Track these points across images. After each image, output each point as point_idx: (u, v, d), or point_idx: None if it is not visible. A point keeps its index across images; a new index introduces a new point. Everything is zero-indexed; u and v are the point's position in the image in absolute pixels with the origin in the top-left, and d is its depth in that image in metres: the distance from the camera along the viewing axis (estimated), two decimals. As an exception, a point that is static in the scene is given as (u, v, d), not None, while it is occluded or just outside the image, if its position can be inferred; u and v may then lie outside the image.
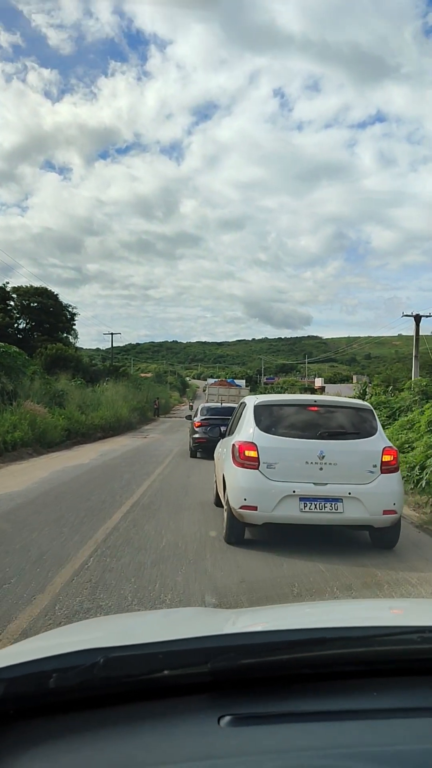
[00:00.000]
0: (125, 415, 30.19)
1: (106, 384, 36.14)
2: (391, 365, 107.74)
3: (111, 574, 5.03)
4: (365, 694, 1.09)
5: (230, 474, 6.06)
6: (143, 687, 1.05)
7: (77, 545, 6.03)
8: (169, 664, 1.05)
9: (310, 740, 0.95)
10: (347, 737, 0.96)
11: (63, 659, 1.06)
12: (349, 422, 6.11)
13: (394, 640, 1.18)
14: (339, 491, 5.61)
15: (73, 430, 22.17)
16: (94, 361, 58.77)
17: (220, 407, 17.86)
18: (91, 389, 32.91)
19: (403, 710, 1.05)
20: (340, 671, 1.13)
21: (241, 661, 1.07)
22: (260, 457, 5.71)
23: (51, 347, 42.24)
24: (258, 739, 0.95)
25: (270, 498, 5.58)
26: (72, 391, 28.31)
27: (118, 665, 1.04)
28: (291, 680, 1.11)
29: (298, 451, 5.73)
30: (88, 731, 0.98)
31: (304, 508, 5.57)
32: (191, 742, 0.95)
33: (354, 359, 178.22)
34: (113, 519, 7.55)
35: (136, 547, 6.02)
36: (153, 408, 41.84)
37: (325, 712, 1.04)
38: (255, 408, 6.15)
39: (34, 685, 1.01)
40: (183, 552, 5.83)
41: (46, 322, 50.26)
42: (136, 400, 36.30)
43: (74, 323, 53.16)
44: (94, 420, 25.45)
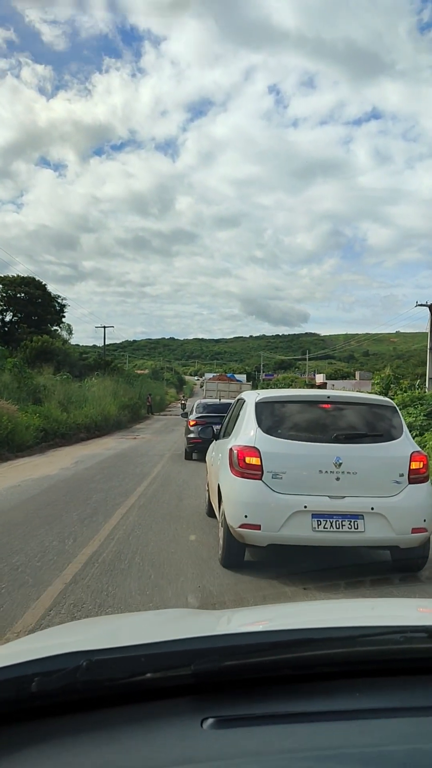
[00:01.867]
0: (114, 413, 27.51)
1: (94, 379, 33.21)
2: (390, 362, 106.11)
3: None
4: (348, 694, 1.09)
5: (227, 485, 5.16)
6: (127, 690, 1.05)
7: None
8: (152, 666, 1.04)
9: (294, 742, 0.95)
10: (331, 738, 0.96)
11: (45, 663, 1.04)
12: (369, 422, 5.24)
13: (377, 641, 1.17)
14: (359, 506, 4.81)
15: (51, 431, 19.40)
16: (85, 355, 55.83)
17: (218, 404, 16.41)
18: (79, 385, 30.22)
19: (386, 710, 1.04)
20: (323, 672, 1.13)
21: (224, 663, 1.06)
22: (264, 465, 4.86)
23: (36, 339, 39.50)
24: (241, 742, 0.95)
25: (276, 515, 4.75)
26: (55, 387, 25.64)
27: (102, 668, 1.03)
28: (274, 681, 1.10)
29: (310, 457, 4.91)
30: (71, 735, 0.96)
31: (317, 526, 4.73)
32: (174, 745, 0.94)
33: (352, 356, 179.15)
34: (28, 617, 3.96)
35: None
36: (146, 405, 39.08)
37: (309, 713, 1.03)
38: (256, 405, 5.22)
39: (16, 689, 0.99)
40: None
41: (33, 314, 47.49)
42: (127, 397, 33.58)
43: (63, 315, 50.41)
44: (77, 419, 22.79)
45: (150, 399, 41.15)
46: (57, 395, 24.16)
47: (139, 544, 5.94)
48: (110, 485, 10.13)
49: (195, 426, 14.39)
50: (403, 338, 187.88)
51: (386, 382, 18.61)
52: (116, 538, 6.21)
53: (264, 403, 5.25)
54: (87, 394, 27.75)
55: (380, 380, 19.54)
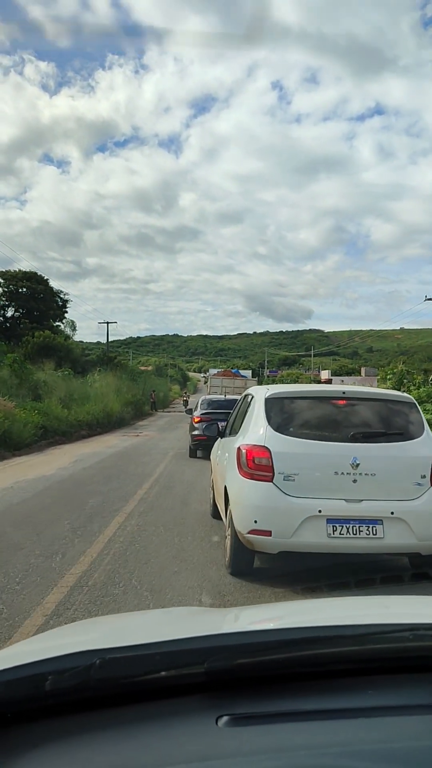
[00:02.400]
0: (117, 410, 26.83)
1: (97, 375, 32.51)
2: (395, 358, 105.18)
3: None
4: (360, 692, 1.09)
5: (235, 487, 4.87)
6: (140, 688, 1.04)
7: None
8: (166, 664, 1.05)
9: (307, 739, 0.95)
10: (344, 735, 0.97)
11: (59, 661, 1.04)
12: (388, 420, 4.92)
13: (387, 638, 1.17)
14: (378, 510, 4.50)
15: (51, 428, 18.70)
16: (88, 351, 55.15)
17: (223, 400, 15.83)
18: (81, 381, 29.55)
19: (398, 708, 1.05)
20: (335, 669, 1.13)
21: (237, 661, 1.06)
22: (275, 466, 4.55)
23: (38, 335, 38.78)
24: (257, 739, 0.95)
25: (288, 520, 4.45)
26: (57, 383, 24.98)
27: (115, 667, 1.03)
28: (287, 679, 1.11)
29: (325, 457, 4.61)
30: (86, 733, 0.97)
31: (332, 532, 4.44)
32: (189, 742, 0.94)
33: (356, 352, 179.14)
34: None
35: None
36: (149, 402, 38.38)
37: (322, 710, 1.03)
38: (266, 401, 4.91)
39: (31, 688, 0.99)
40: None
41: (35, 309, 46.77)
42: (130, 394, 32.91)
43: (66, 311, 49.67)
44: (78, 415, 22.12)
45: (153, 395, 40.46)
46: (58, 391, 23.52)
47: (138, 562, 5.18)
48: (109, 487, 9.39)
49: (200, 423, 14.17)
50: (408, 334, 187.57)
51: (399, 377, 17.77)
52: (111, 553, 5.44)
53: (274, 398, 4.90)
54: (89, 391, 27.06)
55: (393, 375, 18.70)
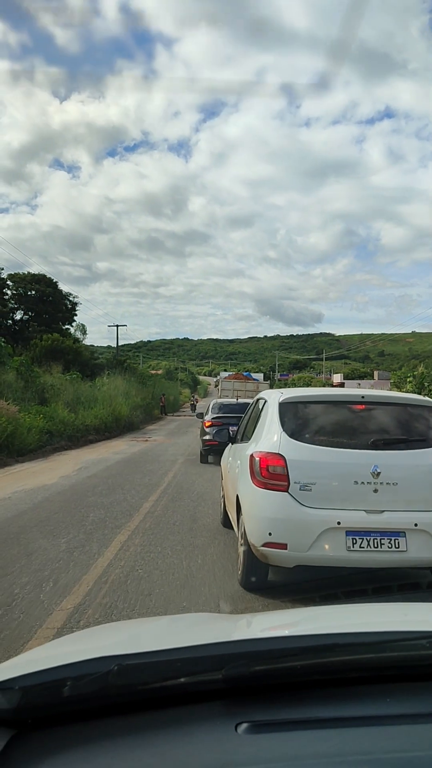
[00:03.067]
0: (125, 414, 26.22)
1: (106, 378, 31.90)
2: (406, 362, 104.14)
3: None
4: (378, 700, 1.07)
5: (248, 497, 4.57)
6: (158, 694, 1.04)
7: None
8: (184, 671, 1.04)
9: (326, 747, 0.95)
10: (363, 744, 0.96)
11: (77, 667, 1.03)
12: (409, 425, 4.61)
13: (404, 646, 1.16)
14: (401, 522, 4.21)
15: (56, 433, 18.10)
16: (98, 355, 54.64)
17: (235, 404, 15.38)
18: (90, 384, 28.99)
19: (416, 716, 1.04)
20: (353, 677, 1.12)
21: (255, 668, 1.05)
22: (290, 475, 4.25)
23: (46, 338, 38.32)
24: (277, 746, 0.95)
25: (305, 532, 4.16)
26: (64, 387, 24.43)
27: (132, 673, 1.03)
28: (305, 686, 1.10)
29: (343, 465, 4.31)
30: (105, 740, 0.97)
31: (352, 545, 4.15)
32: (211, 749, 0.94)
33: (367, 356, 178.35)
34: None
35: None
36: (159, 405, 37.74)
37: (340, 718, 1.03)
38: (280, 406, 4.63)
39: (49, 694, 0.99)
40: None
41: (44, 312, 46.40)
42: (139, 397, 32.31)
43: (75, 314, 49.22)
44: (86, 419, 21.55)
45: (163, 399, 39.84)
46: (65, 395, 22.95)
47: (140, 594, 4.45)
48: (113, 499, 8.68)
49: (211, 427, 13.56)
50: (419, 338, 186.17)
51: (420, 381, 16.96)
52: (110, 581, 4.71)
53: (289, 403, 4.65)
54: (97, 394, 26.45)
55: (413, 378, 17.92)
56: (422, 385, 16.66)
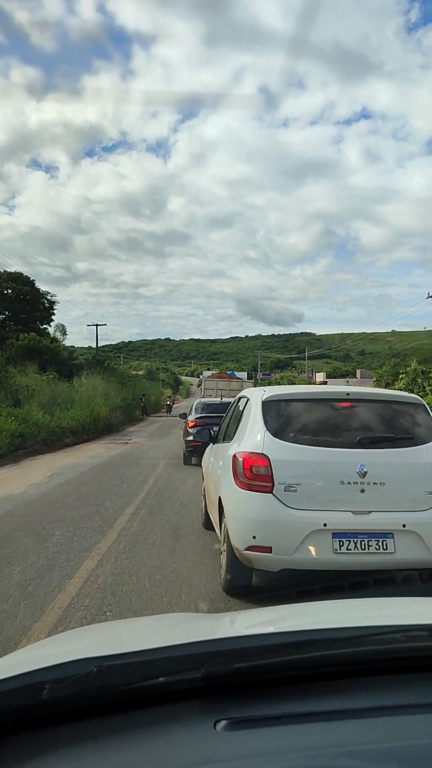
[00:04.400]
0: (104, 415, 25.16)
1: (84, 378, 30.77)
2: (387, 360, 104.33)
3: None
4: (356, 693, 1.10)
5: (231, 499, 4.43)
6: (138, 695, 1.04)
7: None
8: (163, 670, 1.05)
9: (305, 741, 0.96)
10: (341, 736, 0.98)
11: (56, 670, 1.04)
12: (396, 423, 4.50)
13: (380, 640, 1.18)
14: (389, 522, 4.11)
15: (30, 436, 16.99)
16: (78, 356, 53.34)
17: (218, 403, 14.84)
18: (67, 385, 27.87)
19: (393, 708, 1.06)
20: (330, 672, 1.14)
21: (234, 666, 1.07)
22: (274, 476, 4.12)
23: (23, 337, 37.08)
24: (254, 742, 0.96)
25: (290, 535, 4.03)
26: (40, 387, 23.32)
27: (112, 674, 1.03)
28: (283, 682, 1.11)
29: (329, 465, 4.18)
30: (85, 741, 0.97)
31: (339, 548, 4.03)
32: (189, 747, 0.95)
33: (348, 355, 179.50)
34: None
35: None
36: (140, 406, 36.67)
37: (318, 712, 1.04)
38: (263, 404, 4.50)
39: (29, 697, 0.99)
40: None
41: (21, 311, 45.05)
42: (120, 398, 31.24)
43: (53, 313, 47.91)
44: (62, 421, 20.46)
45: (144, 400, 38.77)
46: (41, 396, 21.83)
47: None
48: (84, 512, 7.68)
49: (194, 428, 12.89)
50: (399, 337, 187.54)
51: (413, 377, 16.14)
52: (70, 629, 3.70)
53: (272, 401, 4.53)
54: (74, 395, 25.32)
55: (405, 374, 17.09)
56: (415, 381, 15.87)
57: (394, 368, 61.98)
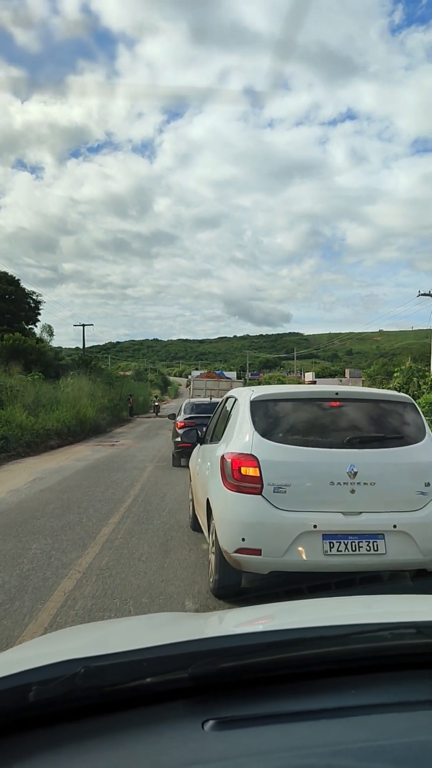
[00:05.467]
0: (91, 416, 24.52)
1: (70, 379, 30.10)
2: (375, 360, 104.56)
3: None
4: (344, 692, 1.09)
5: (219, 501, 4.36)
6: (125, 695, 1.03)
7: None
8: (150, 671, 1.04)
9: (294, 740, 0.96)
10: (330, 735, 0.97)
11: (42, 671, 1.02)
12: (386, 422, 4.48)
13: (367, 638, 1.17)
14: (379, 523, 4.07)
15: (13, 439, 16.35)
16: (66, 356, 52.58)
17: (207, 404, 14.49)
18: (53, 386, 27.21)
19: (381, 706, 1.06)
20: (318, 670, 1.13)
21: (221, 665, 1.06)
22: (263, 477, 4.08)
23: (7, 337, 36.31)
24: (243, 742, 0.95)
25: (280, 537, 3.99)
26: (25, 388, 22.65)
27: (99, 675, 1.02)
28: (271, 681, 1.10)
29: (319, 465, 4.13)
30: (72, 743, 0.95)
31: (329, 549, 3.98)
32: (177, 748, 0.94)
33: (336, 355, 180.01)
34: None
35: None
36: (127, 407, 36.03)
37: (307, 711, 1.04)
38: (252, 404, 4.45)
39: (14, 699, 0.97)
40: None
41: (6, 311, 44.25)
42: (107, 398, 30.59)
43: (39, 313, 47.12)
44: (47, 423, 19.82)
45: (132, 400, 38.13)
46: (25, 397, 21.17)
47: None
48: (65, 522, 7.10)
49: (183, 428, 12.50)
50: (387, 337, 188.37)
51: (408, 376, 15.69)
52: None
53: (260, 401, 4.48)
54: (60, 396, 24.66)
55: (400, 373, 16.63)
56: (410, 380, 15.43)
57: (384, 367, 61.81)
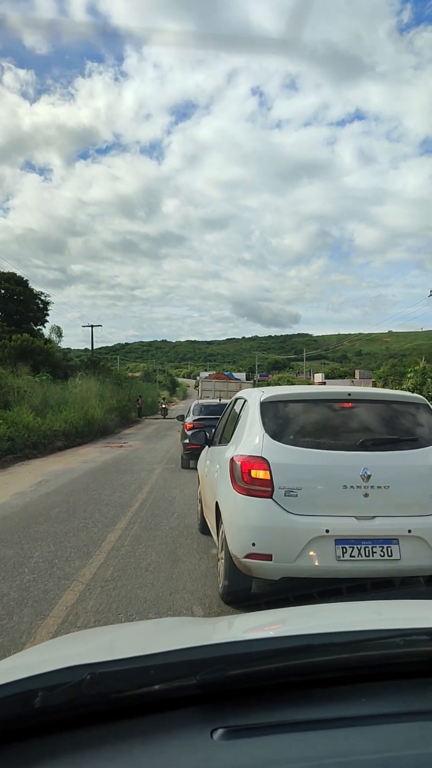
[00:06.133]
0: (99, 417, 24.28)
1: (78, 380, 29.88)
2: (384, 361, 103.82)
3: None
4: (354, 700, 1.07)
5: (229, 505, 4.25)
6: (132, 703, 1.01)
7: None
8: (158, 677, 1.02)
9: (304, 750, 0.95)
10: (340, 745, 0.96)
11: (48, 677, 1.00)
12: (400, 424, 4.34)
13: (378, 645, 1.15)
14: (393, 528, 3.93)
15: (19, 440, 16.12)
16: (75, 357, 52.42)
17: (216, 405, 14.29)
18: (61, 387, 27.03)
19: (391, 715, 1.03)
20: (329, 678, 1.11)
21: (229, 673, 1.03)
22: (274, 480, 3.96)
23: (16, 338, 36.17)
24: (253, 752, 0.93)
25: (291, 542, 3.87)
26: (33, 389, 22.46)
27: (106, 681, 1.00)
28: (281, 688, 1.08)
29: (331, 468, 4.02)
30: (79, 751, 0.94)
31: (342, 555, 3.85)
32: (185, 757, 0.92)
33: (345, 356, 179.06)
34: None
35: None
36: (136, 408, 35.81)
37: (317, 720, 1.01)
38: (262, 406, 4.34)
39: (20, 705, 0.95)
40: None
41: (14, 312, 44.14)
42: (115, 399, 30.37)
43: (47, 313, 47.00)
44: (54, 424, 19.60)
45: (140, 401, 37.90)
46: (33, 398, 20.96)
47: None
48: (70, 527, 6.82)
49: (192, 430, 12.51)
50: (396, 337, 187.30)
51: (422, 376, 15.29)
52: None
53: (270, 402, 4.37)
54: (67, 396, 24.45)
55: (414, 373, 16.29)
56: (424, 380, 15.05)
57: (394, 368, 61.19)
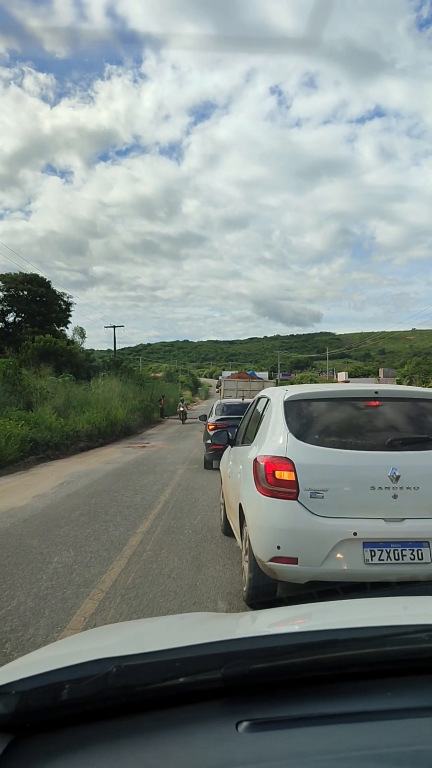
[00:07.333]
0: (121, 418, 24.20)
1: (101, 380, 29.88)
2: (408, 359, 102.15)
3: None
4: (380, 694, 1.07)
5: (253, 506, 4.14)
6: (158, 695, 1.02)
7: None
8: (183, 671, 1.03)
9: (329, 743, 0.94)
10: (365, 739, 0.95)
11: (75, 669, 1.02)
12: (430, 423, 4.19)
13: (404, 640, 1.15)
14: (424, 530, 3.80)
15: (42, 441, 16.08)
16: (93, 357, 52.61)
17: (239, 404, 14.06)
18: (84, 387, 27.06)
19: (418, 710, 1.03)
20: (353, 672, 1.11)
21: (254, 666, 1.04)
22: (299, 481, 3.84)
23: (38, 339, 36.35)
24: (277, 744, 0.94)
25: (317, 545, 3.76)
26: (56, 390, 22.48)
27: (132, 674, 1.01)
28: (305, 682, 1.08)
29: (358, 469, 3.91)
30: (105, 743, 0.95)
31: (370, 558, 3.73)
32: (211, 749, 0.93)
33: (368, 355, 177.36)
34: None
35: None
36: (158, 408, 35.74)
37: (342, 714, 1.01)
38: (285, 404, 4.23)
39: (48, 697, 0.98)
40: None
41: (37, 313, 44.42)
42: (137, 400, 30.29)
43: (70, 314, 47.23)
44: (77, 425, 19.55)
45: (163, 401, 37.83)
46: (56, 399, 20.96)
47: None
48: (91, 531, 6.64)
49: (214, 430, 12.31)
50: (420, 335, 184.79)
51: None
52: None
53: (295, 401, 4.25)
54: (90, 397, 24.43)
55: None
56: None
57: (418, 366, 60.05)
